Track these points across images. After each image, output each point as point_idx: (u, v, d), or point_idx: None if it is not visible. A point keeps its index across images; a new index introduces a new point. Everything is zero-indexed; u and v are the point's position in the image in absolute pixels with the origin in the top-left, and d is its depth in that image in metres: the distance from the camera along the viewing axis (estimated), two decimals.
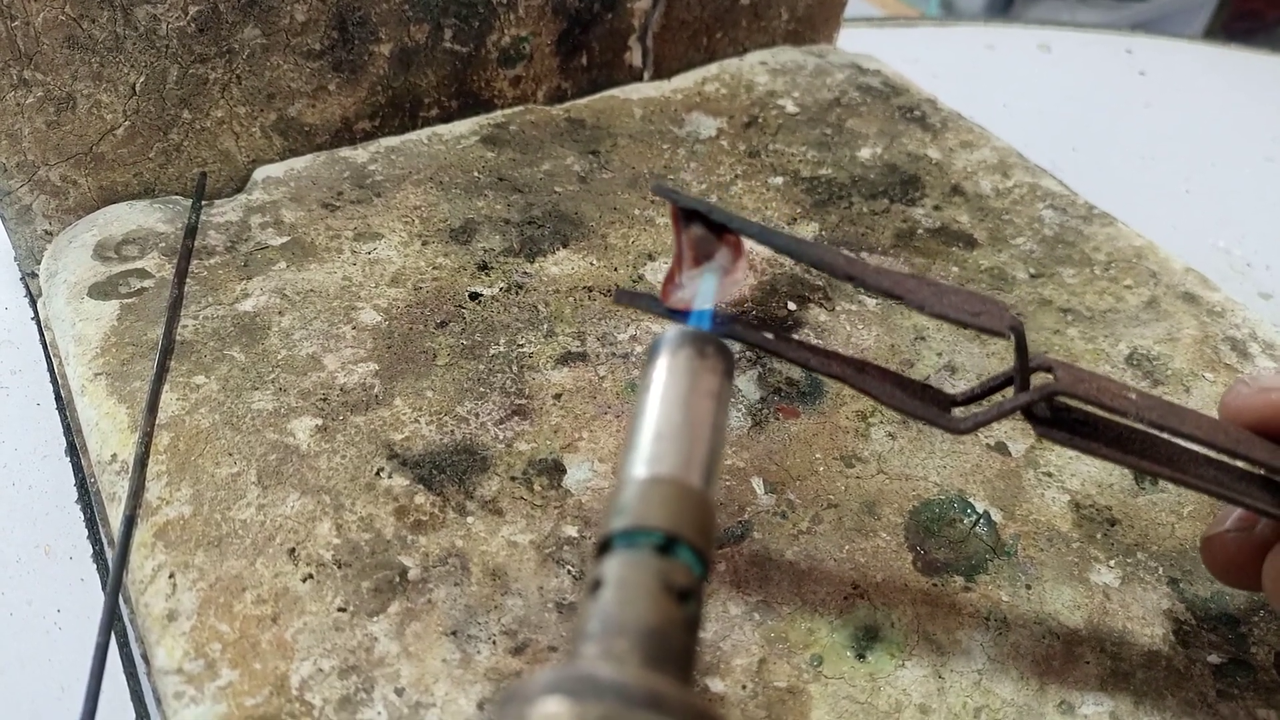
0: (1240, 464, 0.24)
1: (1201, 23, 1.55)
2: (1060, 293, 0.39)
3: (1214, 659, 0.28)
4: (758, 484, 0.31)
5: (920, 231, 0.42)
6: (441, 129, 0.44)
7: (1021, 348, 0.24)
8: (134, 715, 0.29)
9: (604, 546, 0.17)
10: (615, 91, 0.48)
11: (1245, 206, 0.57)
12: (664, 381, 0.19)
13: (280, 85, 0.41)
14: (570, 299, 0.36)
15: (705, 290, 0.24)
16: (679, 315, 0.24)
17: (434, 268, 0.37)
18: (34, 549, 0.33)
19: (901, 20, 0.78)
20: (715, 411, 0.19)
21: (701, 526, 0.17)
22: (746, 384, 0.34)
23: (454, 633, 0.26)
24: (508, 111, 0.46)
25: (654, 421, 0.19)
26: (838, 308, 0.37)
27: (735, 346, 0.33)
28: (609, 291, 0.37)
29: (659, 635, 0.15)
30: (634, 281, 0.37)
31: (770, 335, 0.24)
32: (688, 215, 0.24)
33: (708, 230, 0.24)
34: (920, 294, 0.23)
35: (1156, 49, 0.71)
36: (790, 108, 0.48)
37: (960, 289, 0.24)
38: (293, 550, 0.28)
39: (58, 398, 0.38)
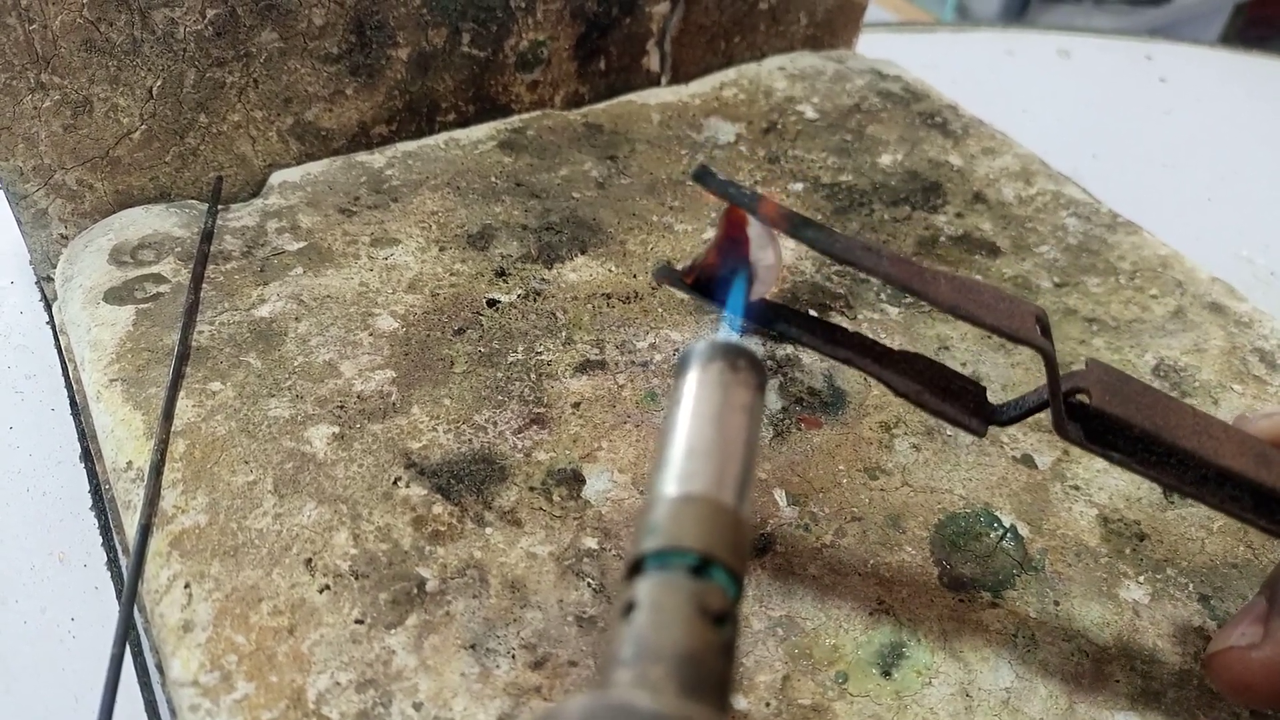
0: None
1: (1217, 29, 1.54)
2: (1085, 302, 0.38)
3: None
4: (780, 496, 0.30)
5: (943, 239, 0.41)
6: (459, 134, 0.44)
7: (1054, 374, 0.23)
8: None
9: (635, 567, 0.17)
10: (633, 96, 0.48)
11: (1269, 216, 0.56)
12: (695, 395, 0.19)
13: (297, 89, 0.41)
14: (589, 306, 0.36)
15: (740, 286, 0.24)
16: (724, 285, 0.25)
17: (451, 274, 0.37)
18: (48, 556, 0.33)
19: (919, 26, 0.77)
20: (748, 427, 0.19)
21: (736, 547, 0.17)
22: (768, 394, 0.33)
23: (473, 646, 0.26)
24: (525, 116, 0.45)
25: (685, 437, 0.18)
26: (859, 316, 0.37)
27: (759, 351, 0.33)
28: (628, 299, 0.36)
29: (695, 661, 0.15)
30: (653, 289, 0.37)
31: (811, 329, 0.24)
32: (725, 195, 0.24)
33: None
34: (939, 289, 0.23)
35: (1177, 55, 0.71)
36: (810, 113, 0.48)
37: (986, 286, 0.23)
38: (309, 560, 0.27)
39: (72, 403, 0.38)
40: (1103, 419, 0.24)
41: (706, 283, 0.26)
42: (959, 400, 0.26)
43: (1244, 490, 0.24)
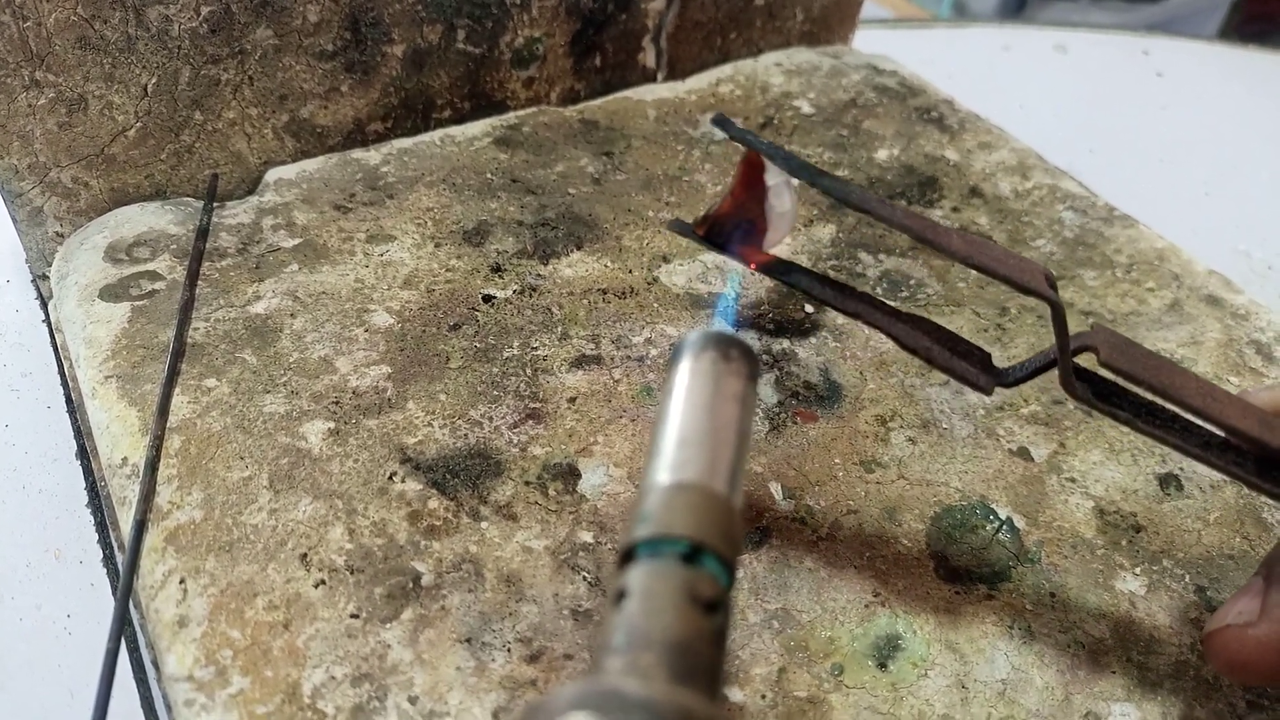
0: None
1: (1215, 24, 1.54)
2: (1082, 295, 0.38)
3: None
4: (776, 489, 0.30)
5: None
6: (454, 130, 0.44)
7: (1062, 328, 0.23)
8: None
9: (627, 556, 0.17)
10: (629, 93, 0.48)
11: (1265, 209, 0.56)
12: (687, 385, 0.19)
13: (292, 86, 0.40)
14: (584, 301, 0.36)
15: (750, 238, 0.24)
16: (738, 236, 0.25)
17: (447, 270, 0.37)
18: (44, 553, 0.33)
19: (916, 22, 0.77)
20: (740, 416, 0.19)
21: (727, 535, 0.17)
22: (764, 388, 0.33)
23: (468, 640, 0.26)
24: (521, 113, 0.45)
25: (677, 426, 0.18)
26: None
27: (754, 343, 0.33)
28: (623, 294, 0.36)
29: (686, 648, 0.15)
30: (649, 284, 0.37)
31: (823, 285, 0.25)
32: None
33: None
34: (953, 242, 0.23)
35: (1174, 50, 0.71)
36: (806, 109, 0.48)
37: (995, 245, 0.24)
38: (305, 555, 0.27)
39: (68, 400, 0.38)
40: (1109, 379, 0.24)
41: (718, 234, 0.26)
42: (966, 360, 0.26)
43: (1247, 454, 0.24)
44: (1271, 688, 0.26)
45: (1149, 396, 0.24)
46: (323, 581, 0.27)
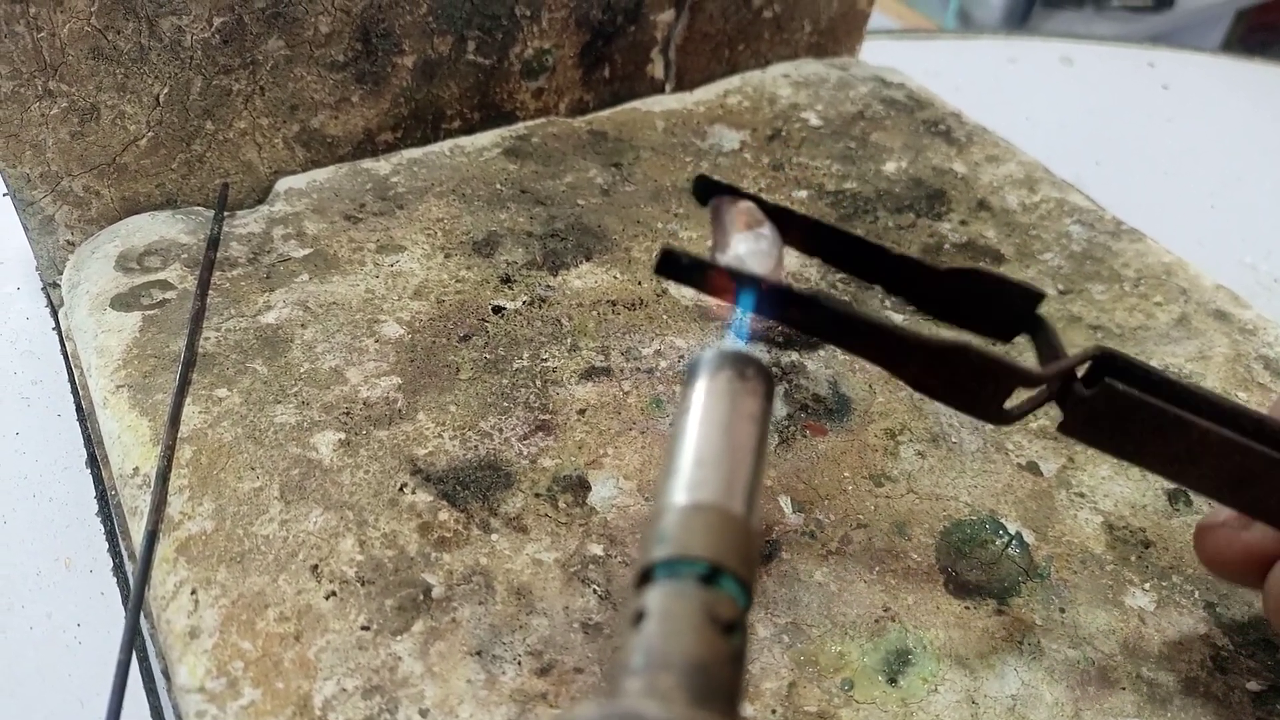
0: None
1: (1219, 35, 1.55)
2: (1090, 309, 0.38)
3: (1253, 686, 0.27)
4: (785, 503, 0.30)
5: (947, 247, 0.41)
6: (464, 141, 0.44)
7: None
8: None
9: (645, 576, 0.17)
10: (637, 104, 0.48)
11: (1271, 222, 0.56)
12: (704, 404, 0.19)
13: (303, 97, 0.41)
14: (594, 313, 0.36)
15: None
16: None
17: (457, 280, 0.37)
18: (54, 562, 0.33)
19: (922, 33, 0.77)
20: (757, 435, 0.19)
21: (745, 556, 0.17)
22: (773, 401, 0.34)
23: (479, 653, 0.26)
24: (530, 123, 0.46)
25: (694, 446, 0.18)
26: None
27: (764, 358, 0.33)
28: (633, 305, 0.36)
29: (705, 670, 0.15)
30: (658, 296, 0.37)
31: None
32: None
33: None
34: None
35: (1179, 62, 0.71)
36: (814, 120, 0.48)
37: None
38: (316, 567, 0.27)
39: (79, 409, 0.38)
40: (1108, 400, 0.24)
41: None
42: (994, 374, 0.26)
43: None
44: (1243, 586, 0.28)
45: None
46: (334, 593, 0.27)
